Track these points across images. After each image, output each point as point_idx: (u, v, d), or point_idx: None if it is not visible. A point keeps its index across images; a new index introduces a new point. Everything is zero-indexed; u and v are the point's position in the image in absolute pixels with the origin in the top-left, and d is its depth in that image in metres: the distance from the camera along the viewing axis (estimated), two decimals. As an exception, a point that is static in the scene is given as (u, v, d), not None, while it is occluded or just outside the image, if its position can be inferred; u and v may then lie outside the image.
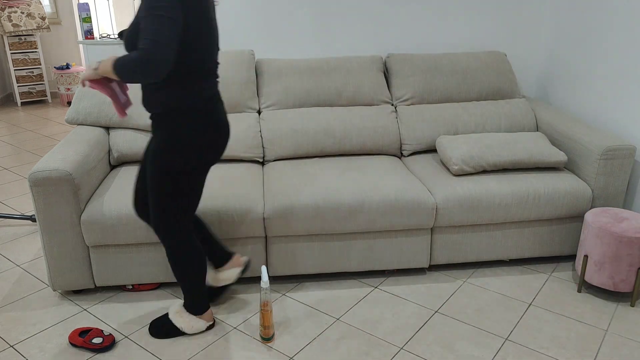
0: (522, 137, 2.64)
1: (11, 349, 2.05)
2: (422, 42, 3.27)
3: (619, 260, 2.24)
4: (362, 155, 2.85)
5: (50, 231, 2.21)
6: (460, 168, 2.51)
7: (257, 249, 2.39)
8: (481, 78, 3.01)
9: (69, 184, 2.16)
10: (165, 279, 2.38)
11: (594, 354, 2.02)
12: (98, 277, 2.34)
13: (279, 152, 2.78)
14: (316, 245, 2.40)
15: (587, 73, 2.95)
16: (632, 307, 2.31)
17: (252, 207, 2.30)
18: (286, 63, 2.96)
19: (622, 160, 2.46)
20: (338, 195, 2.34)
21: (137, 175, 2.07)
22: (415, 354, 2.02)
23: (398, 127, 2.88)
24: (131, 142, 2.66)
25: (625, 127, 2.67)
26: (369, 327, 2.18)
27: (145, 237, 2.27)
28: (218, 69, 1.92)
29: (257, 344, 2.07)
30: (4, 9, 5.76)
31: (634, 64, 2.60)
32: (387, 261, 2.48)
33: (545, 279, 2.52)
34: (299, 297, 2.38)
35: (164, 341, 2.09)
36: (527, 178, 2.50)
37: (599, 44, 2.84)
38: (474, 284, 2.49)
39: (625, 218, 2.32)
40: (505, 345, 2.07)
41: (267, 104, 2.90)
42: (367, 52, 3.26)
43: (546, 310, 2.29)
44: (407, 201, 2.35)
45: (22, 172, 3.92)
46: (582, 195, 2.47)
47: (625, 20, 2.64)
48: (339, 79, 2.93)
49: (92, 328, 2.11)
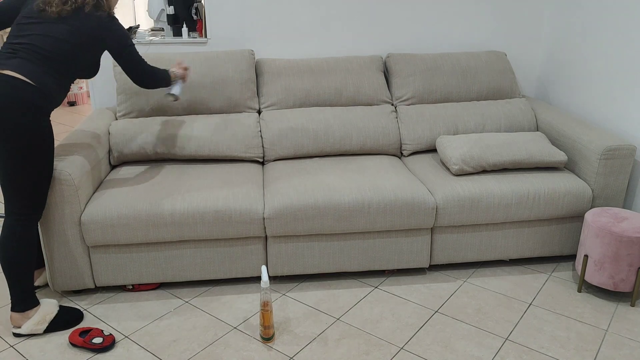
0: (522, 137, 2.64)
1: (11, 349, 2.05)
2: (422, 42, 3.27)
3: (619, 260, 2.24)
4: (362, 155, 2.85)
5: (50, 231, 2.21)
6: (461, 168, 2.51)
7: (257, 249, 2.39)
8: (481, 78, 3.01)
9: (69, 184, 2.16)
10: (165, 279, 2.39)
11: (594, 354, 2.02)
12: (98, 277, 2.34)
13: (279, 152, 2.78)
14: (316, 245, 2.40)
15: (587, 73, 2.95)
16: (632, 307, 2.31)
17: (252, 207, 2.30)
18: (286, 63, 2.96)
19: (622, 160, 2.46)
20: (338, 195, 2.34)
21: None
22: (415, 354, 2.02)
23: (398, 127, 2.88)
24: (131, 142, 2.66)
25: (625, 127, 2.67)
26: (369, 327, 2.18)
27: (145, 237, 2.27)
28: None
29: (257, 344, 2.07)
30: (4, 9, 5.75)
31: (634, 64, 2.60)
32: (387, 261, 2.48)
33: (545, 279, 2.52)
34: (299, 297, 2.38)
35: (164, 341, 2.09)
36: (527, 178, 2.50)
37: (598, 44, 2.84)
38: (474, 284, 2.49)
39: (625, 218, 2.32)
40: (505, 345, 2.07)
41: (267, 104, 2.90)
42: (367, 52, 3.26)
43: (546, 310, 2.29)
44: (407, 201, 2.35)
45: (22, 172, 3.91)
46: (582, 195, 2.47)
47: (625, 20, 2.64)
48: (339, 79, 2.93)
49: (92, 328, 2.11)
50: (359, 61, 3.00)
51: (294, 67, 2.94)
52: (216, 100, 2.82)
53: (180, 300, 2.36)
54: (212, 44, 3.15)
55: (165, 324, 2.20)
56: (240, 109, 2.87)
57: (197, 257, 2.36)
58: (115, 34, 2.10)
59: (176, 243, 2.33)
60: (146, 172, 2.59)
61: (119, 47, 2.12)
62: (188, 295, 2.40)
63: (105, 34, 2.07)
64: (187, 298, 2.38)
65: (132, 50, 2.16)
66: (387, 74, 3.09)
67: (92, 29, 2.04)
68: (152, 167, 2.66)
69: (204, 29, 3.19)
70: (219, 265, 2.39)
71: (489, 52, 3.13)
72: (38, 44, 1.96)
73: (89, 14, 2.03)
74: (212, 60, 2.84)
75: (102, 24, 2.05)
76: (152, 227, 2.25)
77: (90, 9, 2.03)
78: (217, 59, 2.85)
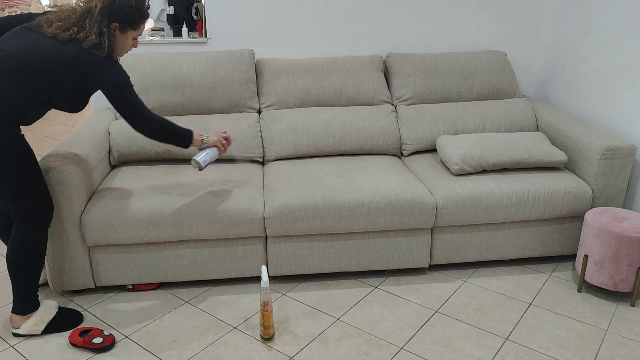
0: (522, 137, 2.64)
1: (11, 349, 2.05)
2: (422, 42, 3.27)
3: (619, 260, 2.24)
4: (362, 155, 2.85)
5: (50, 231, 2.21)
6: (461, 168, 2.51)
7: (257, 249, 2.39)
8: (481, 78, 3.01)
9: (69, 184, 2.16)
10: (165, 279, 2.39)
11: (594, 354, 2.02)
12: (98, 277, 2.34)
13: (279, 152, 2.78)
14: (316, 245, 2.40)
15: (587, 73, 2.95)
16: (632, 307, 2.31)
17: (252, 207, 2.30)
18: (286, 63, 2.96)
19: (622, 160, 2.46)
20: (338, 195, 2.34)
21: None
22: (415, 354, 2.02)
23: (398, 127, 2.88)
24: (131, 142, 2.66)
25: (625, 127, 2.67)
26: (369, 327, 2.18)
27: (145, 237, 2.27)
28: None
29: (257, 344, 2.07)
30: (3, 9, 5.76)
31: (634, 63, 2.59)
32: (387, 261, 2.48)
33: (545, 279, 2.52)
34: (299, 297, 2.38)
35: (164, 341, 2.09)
36: (527, 178, 2.50)
37: (598, 44, 2.84)
38: (474, 284, 2.49)
39: (625, 218, 2.32)
40: (505, 345, 2.07)
41: (267, 104, 2.90)
42: (367, 52, 3.26)
43: (546, 310, 2.29)
44: (407, 201, 2.35)
45: (22, 172, 3.91)
46: (582, 195, 2.47)
47: (625, 20, 2.64)
48: (339, 78, 2.93)
49: (92, 328, 2.11)
50: (359, 61, 3.00)
51: (294, 67, 2.94)
52: (216, 100, 2.82)
53: (180, 300, 2.36)
54: (212, 44, 3.15)
55: (165, 324, 2.20)
56: (240, 109, 2.87)
57: (197, 257, 2.36)
58: (107, 73, 1.93)
59: (176, 243, 2.33)
60: (146, 172, 2.59)
61: (111, 87, 1.94)
62: (188, 295, 2.40)
63: (94, 71, 1.92)
64: (187, 298, 2.38)
65: (126, 93, 1.97)
66: (387, 74, 3.09)
67: (79, 61, 1.90)
68: (152, 167, 2.67)
69: (204, 29, 3.19)
70: (219, 265, 2.39)
71: (489, 52, 3.13)
72: (21, 53, 1.86)
73: (86, 49, 1.90)
74: (212, 60, 2.84)
75: (95, 59, 1.91)
76: (152, 227, 2.25)
77: (89, 45, 1.90)
78: (217, 59, 2.85)
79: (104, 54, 1.92)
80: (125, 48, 2.03)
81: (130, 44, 2.04)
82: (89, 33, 1.89)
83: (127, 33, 1.99)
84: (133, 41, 2.04)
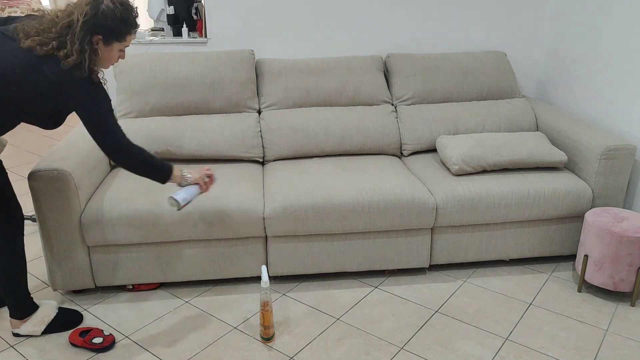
0: (522, 137, 2.64)
1: (11, 349, 2.05)
2: (422, 42, 3.27)
3: (619, 260, 2.24)
4: (362, 155, 2.85)
5: (50, 231, 2.21)
6: (461, 168, 2.51)
7: (257, 249, 2.39)
8: (481, 78, 3.01)
9: (69, 184, 2.16)
10: (165, 279, 2.39)
11: (594, 354, 2.02)
12: (98, 277, 2.34)
13: (279, 152, 2.78)
14: (316, 245, 2.40)
15: (587, 73, 2.95)
16: (632, 307, 2.31)
17: (252, 207, 2.30)
18: (286, 63, 2.96)
19: (622, 160, 2.46)
20: (338, 195, 2.34)
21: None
22: (415, 354, 2.02)
23: (398, 127, 2.88)
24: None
25: (625, 127, 2.67)
26: (369, 327, 2.18)
27: (145, 237, 2.27)
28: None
29: (257, 344, 2.07)
30: (4, 9, 5.76)
31: (634, 63, 2.60)
32: (387, 261, 2.48)
33: (545, 279, 2.52)
34: (299, 297, 2.38)
35: (164, 341, 2.09)
36: (527, 178, 2.50)
37: (598, 44, 2.84)
38: (474, 284, 2.49)
39: (625, 218, 2.32)
40: (505, 345, 2.07)
41: (267, 104, 2.90)
42: (367, 52, 3.26)
43: (546, 310, 2.29)
44: (407, 201, 2.35)
45: (22, 172, 3.91)
46: (582, 195, 2.47)
47: (625, 20, 2.64)
48: (339, 79, 2.93)
49: (92, 328, 2.11)
50: (359, 61, 3.00)
51: (294, 67, 2.94)
52: (216, 100, 2.82)
53: (180, 300, 2.36)
54: (212, 44, 3.15)
55: (165, 324, 2.20)
56: (240, 109, 2.87)
57: (197, 257, 2.36)
58: (85, 97, 1.77)
59: (176, 243, 2.33)
60: (146, 172, 2.59)
61: (86, 112, 1.79)
62: (188, 295, 2.40)
63: (71, 93, 1.77)
64: (187, 298, 2.38)
65: (101, 119, 1.81)
66: (387, 74, 3.09)
67: (57, 83, 1.75)
68: (152, 167, 2.66)
69: (204, 29, 3.19)
70: (219, 265, 2.39)
71: (489, 52, 3.13)
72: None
73: (66, 70, 1.74)
74: (212, 60, 2.84)
75: (74, 82, 1.76)
76: (152, 227, 2.25)
77: (69, 65, 1.72)
78: (217, 59, 2.85)
79: (84, 74, 1.75)
80: (110, 60, 1.86)
81: (117, 56, 1.86)
82: (69, 52, 1.72)
83: (111, 45, 1.81)
84: (119, 53, 1.87)
